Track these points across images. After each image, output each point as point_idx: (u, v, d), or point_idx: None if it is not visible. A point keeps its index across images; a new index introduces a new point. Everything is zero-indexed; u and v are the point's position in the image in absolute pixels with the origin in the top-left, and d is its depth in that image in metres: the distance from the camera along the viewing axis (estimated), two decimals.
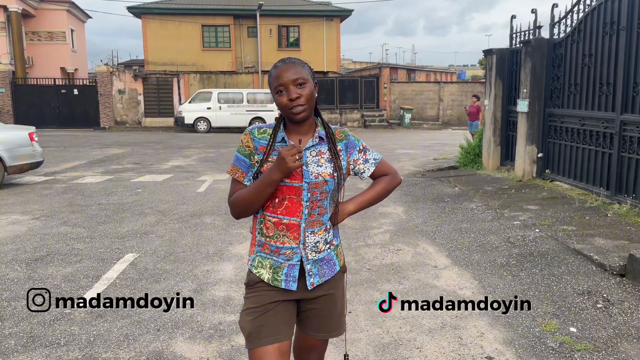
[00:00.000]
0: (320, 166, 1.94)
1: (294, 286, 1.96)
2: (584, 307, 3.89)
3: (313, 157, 1.94)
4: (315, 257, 1.98)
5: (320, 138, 1.97)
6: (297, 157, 1.79)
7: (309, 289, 1.98)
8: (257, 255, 2.02)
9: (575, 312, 3.82)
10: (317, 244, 1.97)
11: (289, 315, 2.00)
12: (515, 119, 9.37)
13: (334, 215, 2.02)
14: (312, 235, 1.95)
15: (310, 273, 1.97)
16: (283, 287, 1.95)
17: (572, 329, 3.55)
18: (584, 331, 3.51)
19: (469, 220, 6.57)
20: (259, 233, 2.00)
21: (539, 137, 8.71)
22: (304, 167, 1.91)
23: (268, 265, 1.98)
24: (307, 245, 1.95)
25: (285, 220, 1.93)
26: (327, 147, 1.98)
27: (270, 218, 1.95)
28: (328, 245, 2.02)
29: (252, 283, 2.01)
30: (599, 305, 3.91)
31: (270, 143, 1.94)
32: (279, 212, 1.93)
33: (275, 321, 1.95)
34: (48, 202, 7.91)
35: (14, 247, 5.56)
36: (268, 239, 1.97)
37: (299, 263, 1.96)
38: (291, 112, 1.87)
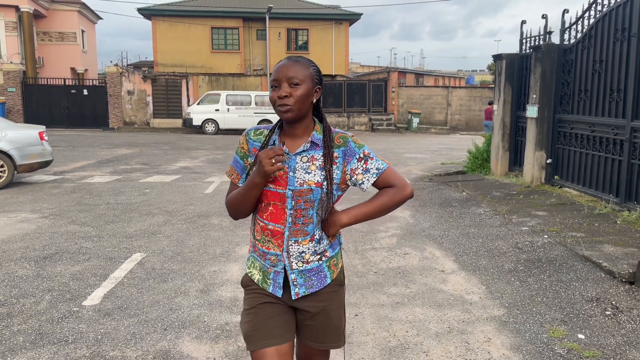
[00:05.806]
0: (309, 173, 1.85)
1: (279, 292, 1.93)
2: (593, 314, 3.86)
3: (303, 162, 1.86)
4: (302, 268, 1.91)
5: (314, 143, 1.87)
6: (276, 160, 1.72)
7: (293, 298, 1.93)
8: (251, 255, 2.02)
9: (583, 319, 3.80)
10: (303, 255, 1.90)
11: (284, 319, 1.95)
12: (525, 125, 9.34)
13: (324, 225, 1.91)
14: (296, 244, 1.88)
15: (294, 283, 1.92)
16: (270, 291, 1.94)
17: (580, 336, 3.52)
18: (592, 338, 3.49)
19: (476, 225, 6.55)
20: (251, 234, 2.01)
21: (548, 143, 8.67)
22: (290, 173, 1.84)
23: (259, 267, 1.97)
24: (291, 254, 1.89)
25: (270, 226, 1.89)
26: (321, 153, 1.87)
27: (259, 222, 1.92)
28: (318, 257, 1.93)
29: (245, 284, 2.02)
30: (607, 313, 3.88)
31: (264, 146, 1.90)
32: (264, 217, 1.90)
33: (269, 324, 1.92)
34: (57, 201, 7.96)
35: (23, 245, 5.60)
36: (257, 242, 1.95)
37: (283, 271, 1.91)
38: (278, 109, 1.83)
